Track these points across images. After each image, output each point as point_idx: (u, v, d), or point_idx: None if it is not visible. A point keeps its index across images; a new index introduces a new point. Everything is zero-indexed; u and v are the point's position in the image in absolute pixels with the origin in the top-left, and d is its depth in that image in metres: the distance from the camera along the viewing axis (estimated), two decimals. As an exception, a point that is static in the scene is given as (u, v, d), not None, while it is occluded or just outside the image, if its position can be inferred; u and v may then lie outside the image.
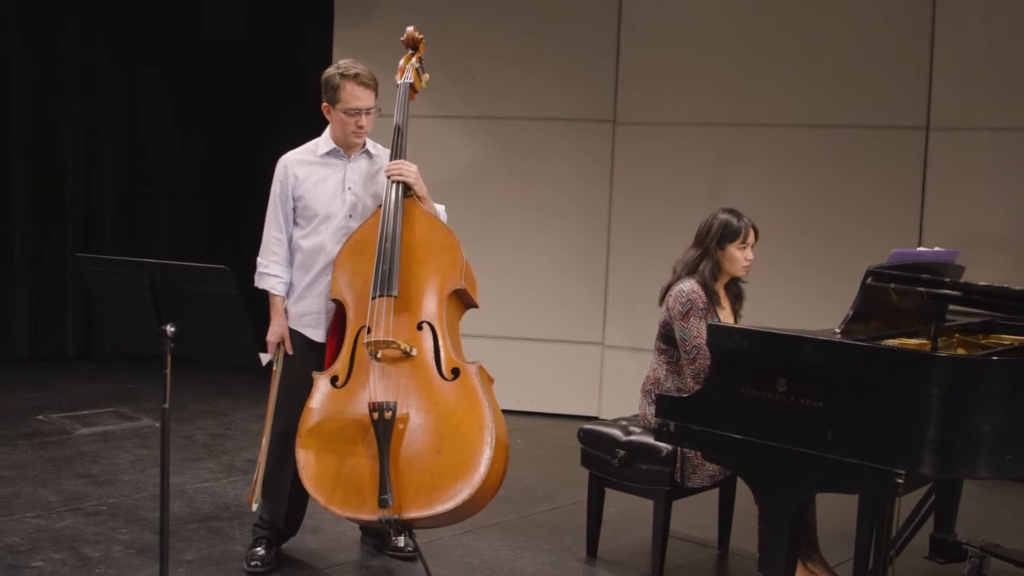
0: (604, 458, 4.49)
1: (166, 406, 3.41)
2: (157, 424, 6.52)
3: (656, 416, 3.87)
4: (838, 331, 3.54)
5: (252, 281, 4.32)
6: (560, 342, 7.33)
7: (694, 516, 4.87)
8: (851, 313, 3.53)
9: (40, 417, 6.65)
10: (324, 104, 4.25)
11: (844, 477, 3.32)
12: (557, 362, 7.33)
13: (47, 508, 4.96)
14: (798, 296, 6.55)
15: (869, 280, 3.41)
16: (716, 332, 3.74)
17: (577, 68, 7.20)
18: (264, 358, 3.47)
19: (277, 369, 4.27)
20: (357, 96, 4.17)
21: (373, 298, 4.05)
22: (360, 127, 4.22)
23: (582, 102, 7.22)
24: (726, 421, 3.58)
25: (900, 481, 3.18)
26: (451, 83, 7.12)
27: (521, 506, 5.26)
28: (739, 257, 4.38)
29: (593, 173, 7.24)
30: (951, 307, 3.99)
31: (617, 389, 7.11)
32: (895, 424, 3.22)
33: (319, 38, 7.77)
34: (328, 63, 4.26)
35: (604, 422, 4.76)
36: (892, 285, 3.36)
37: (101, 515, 4.90)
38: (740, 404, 3.53)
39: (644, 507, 4.50)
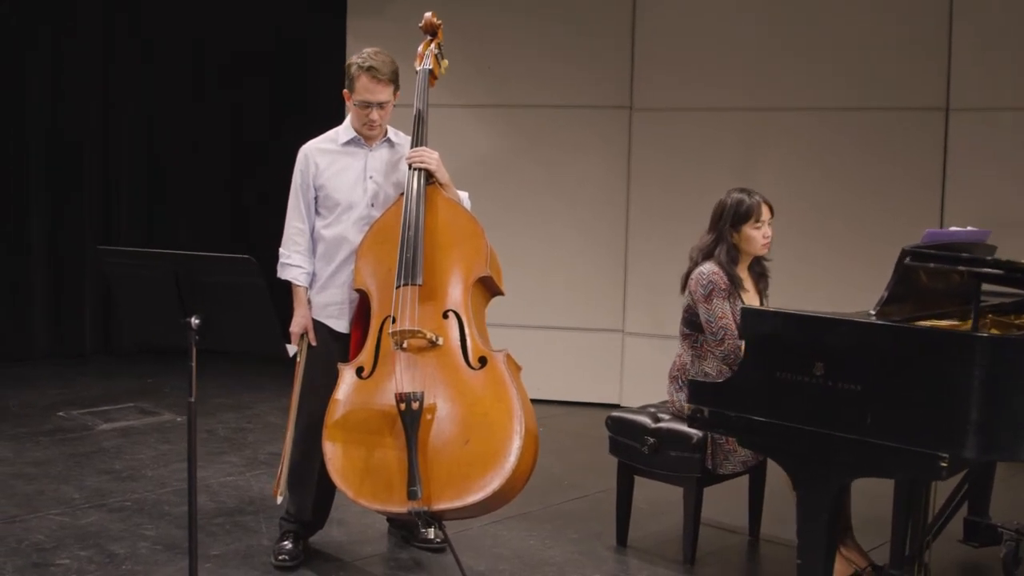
0: (633, 446, 4.45)
1: (192, 399, 3.38)
2: (178, 419, 6.50)
3: (689, 402, 3.82)
4: (873, 313, 3.48)
5: (275, 272, 4.28)
6: (580, 330, 7.28)
7: (724, 503, 4.81)
8: (886, 295, 3.46)
9: (61, 413, 6.62)
10: (345, 91, 4.21)
11: (885, 461, 3.27)
12: (577, 350, 7.28)
13: (71, 505, 4.93)
14: (819, 280, 6.49)
15: (907, 260, 3.33)
16: (750, 316, 3.69)
17: (591, 54, 7.13)
18: (291, 349, 3.42)
19: (301, 360, 4.23)
20: (369, 90, 4.10)
21: (397, 287, 4.00)
22: (371, 120, 4.15)
23: (597, 88, 7.15)
24: (762, 406, 3.53)
25: (943, 464, 3.13)
26: (468, 71, 7.05)
27: (548, 495, 5.22)
28: (756, 236, 4.30)
29: (610, 160, 7.18)
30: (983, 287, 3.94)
31: (638, 376, 7.06)
32: (936, 406, 3.17)
33: (332, 27, 7.71)
34: (340, 53, 4.20)
35: (632, 409, 4.71)
36: (932, 265, 3.29)
37: (125, 511, 4.87)
38: (776, 389, 3.47)
39: (673, 494, 4.46)
